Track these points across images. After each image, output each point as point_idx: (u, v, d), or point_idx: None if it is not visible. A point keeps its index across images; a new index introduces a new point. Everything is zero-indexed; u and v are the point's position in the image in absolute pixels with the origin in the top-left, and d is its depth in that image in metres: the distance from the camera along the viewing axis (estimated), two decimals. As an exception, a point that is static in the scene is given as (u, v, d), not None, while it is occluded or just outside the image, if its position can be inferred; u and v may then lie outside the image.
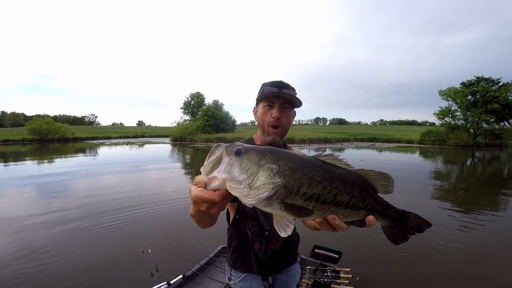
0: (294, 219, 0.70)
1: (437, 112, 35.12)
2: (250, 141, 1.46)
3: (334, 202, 0.68)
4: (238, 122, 56.30)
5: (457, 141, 30.99)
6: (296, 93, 1.34)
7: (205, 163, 0.64)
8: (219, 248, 3.51)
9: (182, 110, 57.18)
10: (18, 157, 18.96)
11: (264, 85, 1.34)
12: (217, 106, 45.57)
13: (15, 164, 15.00)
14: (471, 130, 32.82)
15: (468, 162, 18.89)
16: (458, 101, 32.67)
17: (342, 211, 0.70)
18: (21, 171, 12.35)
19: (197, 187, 0.66)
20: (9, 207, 6.62)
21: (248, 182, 0.61)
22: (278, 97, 1.29)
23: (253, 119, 1.43)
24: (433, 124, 57.95)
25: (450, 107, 34.31)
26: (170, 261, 3.31)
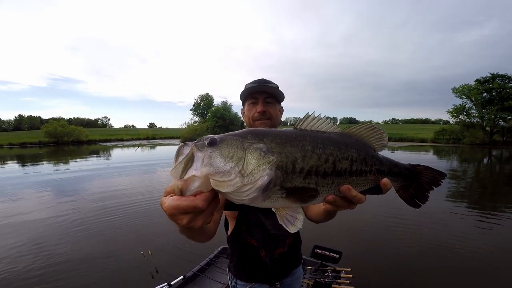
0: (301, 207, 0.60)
1: (451, 110, 34.18)
2: None
3: (336, 171, 0.58)
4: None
5: (472, 140, 30.05)
6: (278, 88, 1.33)
7: (173, 166, 0.51)
8: (219, 249, 3.52)
9: (192, 111, 57.95)
10: (35, 159, 19.66)
11: (246, 84, 1.35)
12: (226, 107, 45.78)
13: (32, 166, 15.56)
14: (487, 128, 31.74)
15: (485, 161, 18.26)
16: (473, 99, 31.69)
17: (348, 181, 0.60)
18: (38, 173, 12.83)
19: (170, 196, 0.52)
20: (19, 207, 6.89)
21: (239, 169, 0.50)
22: (261, 92, 1.28)
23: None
24: (447, 122, 56.23)
25: (465, 105, 33.32)
26: (171, 262, 3.35)
